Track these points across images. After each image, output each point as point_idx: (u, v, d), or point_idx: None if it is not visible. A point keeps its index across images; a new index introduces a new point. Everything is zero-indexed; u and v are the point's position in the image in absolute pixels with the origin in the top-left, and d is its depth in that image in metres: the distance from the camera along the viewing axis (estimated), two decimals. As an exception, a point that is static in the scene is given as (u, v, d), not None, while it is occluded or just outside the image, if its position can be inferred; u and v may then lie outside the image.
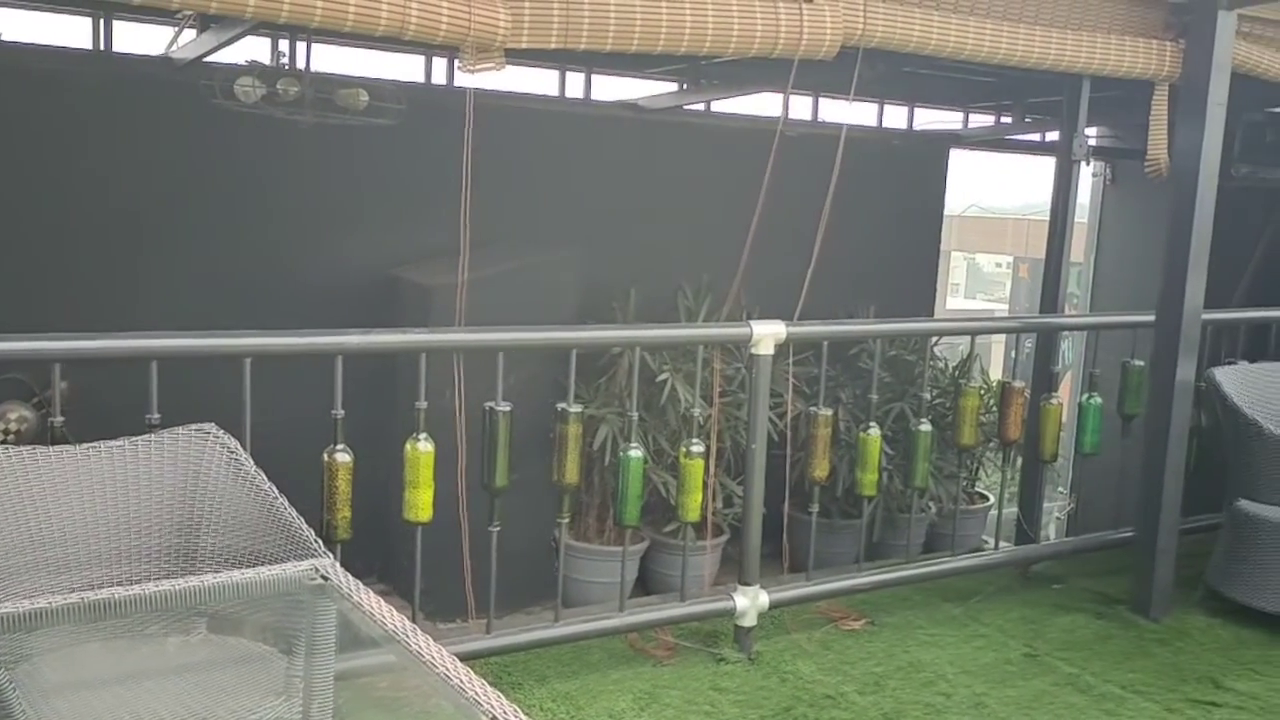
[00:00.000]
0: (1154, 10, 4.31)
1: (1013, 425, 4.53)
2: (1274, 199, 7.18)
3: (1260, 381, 4.70)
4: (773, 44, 3.54)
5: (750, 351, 3.87)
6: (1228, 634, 4.28)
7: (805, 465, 4.14)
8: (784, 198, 4.47)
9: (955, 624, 4.34)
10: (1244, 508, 4.38)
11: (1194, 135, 4.17)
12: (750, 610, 3.90)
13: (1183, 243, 4.23)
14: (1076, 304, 9.52)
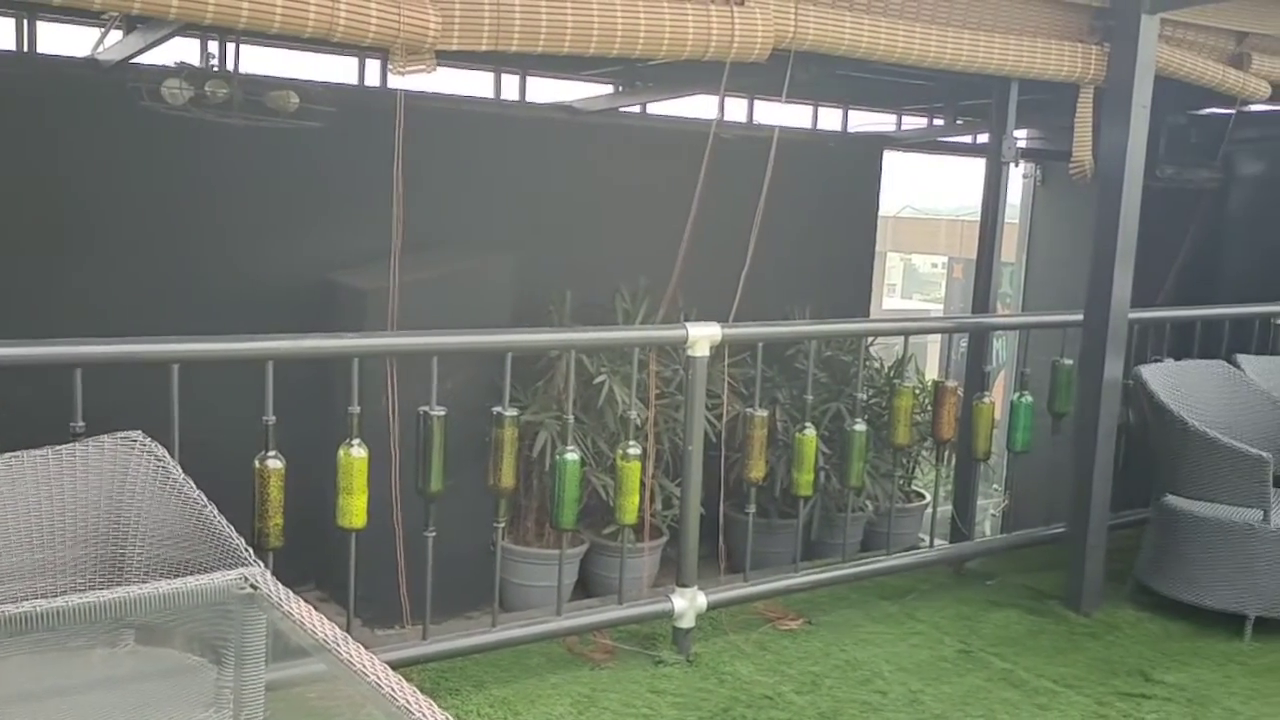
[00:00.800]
0: (1079, 14, 4.39)
1: (946, 424, 4.59)
2: (1197, 199, 7.37)
3: (1185, 378, 4.81)
4: (705, 47, 3.55)
5: (686, 353, 3.87)
6: (1156, 627, 4.37)
7: (742, 466, 4.15)
8: (721, 200, 4.50)
9: (891, 622, 4.38)
10: (1170, 503, 4.48)
11: (1119, 137, 4.25)
12: (688, 612, 3.91)
13: (1109, 243, 4.31)
14: (1009, 303, 9.68)
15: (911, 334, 4.88)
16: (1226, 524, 4.26)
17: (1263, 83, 4.81)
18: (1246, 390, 4.83)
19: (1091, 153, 4.61)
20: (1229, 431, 4.54)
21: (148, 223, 5.03)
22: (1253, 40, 4.79)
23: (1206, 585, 4.31)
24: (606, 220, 6.29)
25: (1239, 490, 4.25)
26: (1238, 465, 4.23)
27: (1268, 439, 4.64)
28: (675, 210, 4.46)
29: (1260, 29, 4.75)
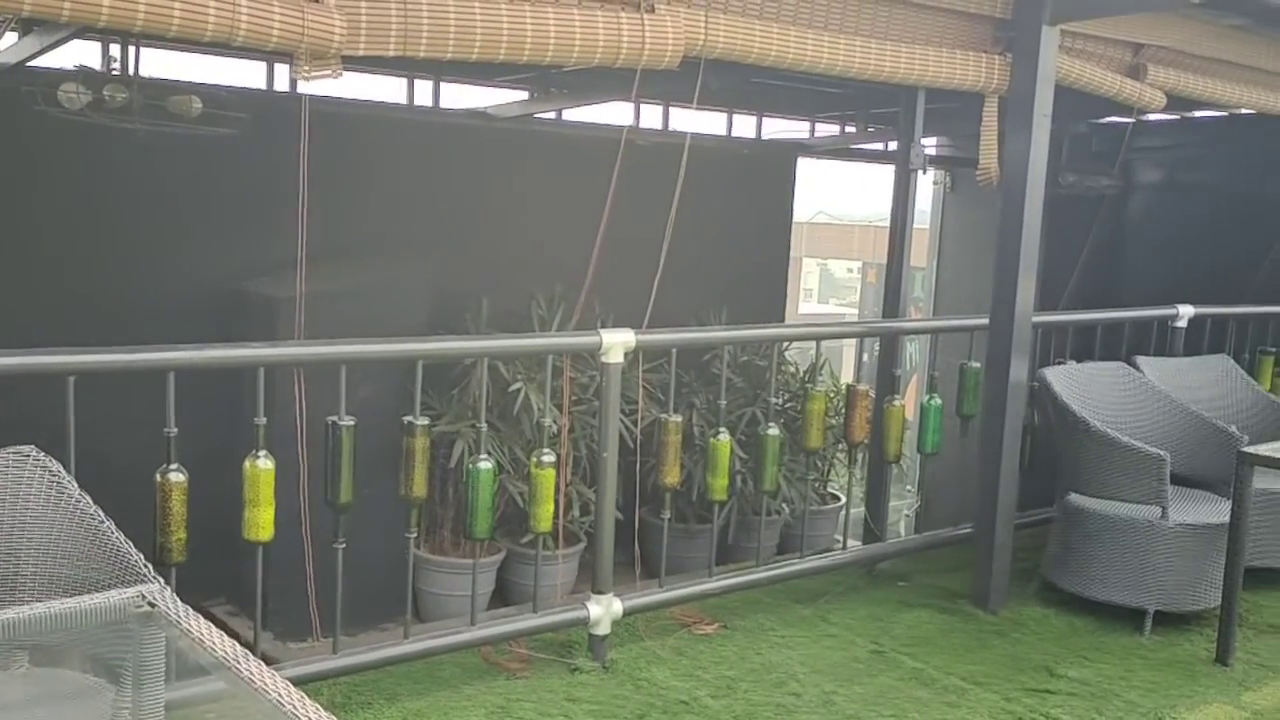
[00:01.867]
0: (983, 25, 4.49)
1: (858, 427, 4.65)
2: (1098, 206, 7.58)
3: (1087, 380, 4.94)
4: (615, 54, 3.55)
5: (601, 360, 3.87)
6: (1061, 623, 4.48)
7: (657, 472, 4.16)
8: (637, 206, 4.50)
9: (805, 624, 4.43)
10: (1074, 501, 4.60)
11: (1022, 145, 4.36)
12: (604, 619, 3.90)
13: (1012, 249, 4.41)
14: (921, 307, 9.86)
15: (823, 339, 4.94)
16: (1127, 521, 4.38)
17: (1158, 93, 4.97)
18: (1145, 391, 4.98)
19: (997, 160, 4.71)
20: (1129, 431, 4.68)
21: (45, 231, 4.87)
22: (1148, 52, 4.94)
23: (1108, 581, 4.43)
24: (523, 227, 6.25)
25: (1138, 488, 4.38)
26: (1137, 464, 4.36)
27: (1165, 438, 4.78)
28: (592, 217, 4.46)
29: (1155, 41, 4.89)
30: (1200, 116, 7.95)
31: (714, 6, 3.80)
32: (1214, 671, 4.07)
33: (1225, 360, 5.59)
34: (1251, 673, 4.07)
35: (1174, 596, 4.36)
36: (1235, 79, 5.35)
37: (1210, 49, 5.12)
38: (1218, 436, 4.65)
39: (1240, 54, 5.26)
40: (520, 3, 3.38)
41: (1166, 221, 8.75)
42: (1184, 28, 4.95)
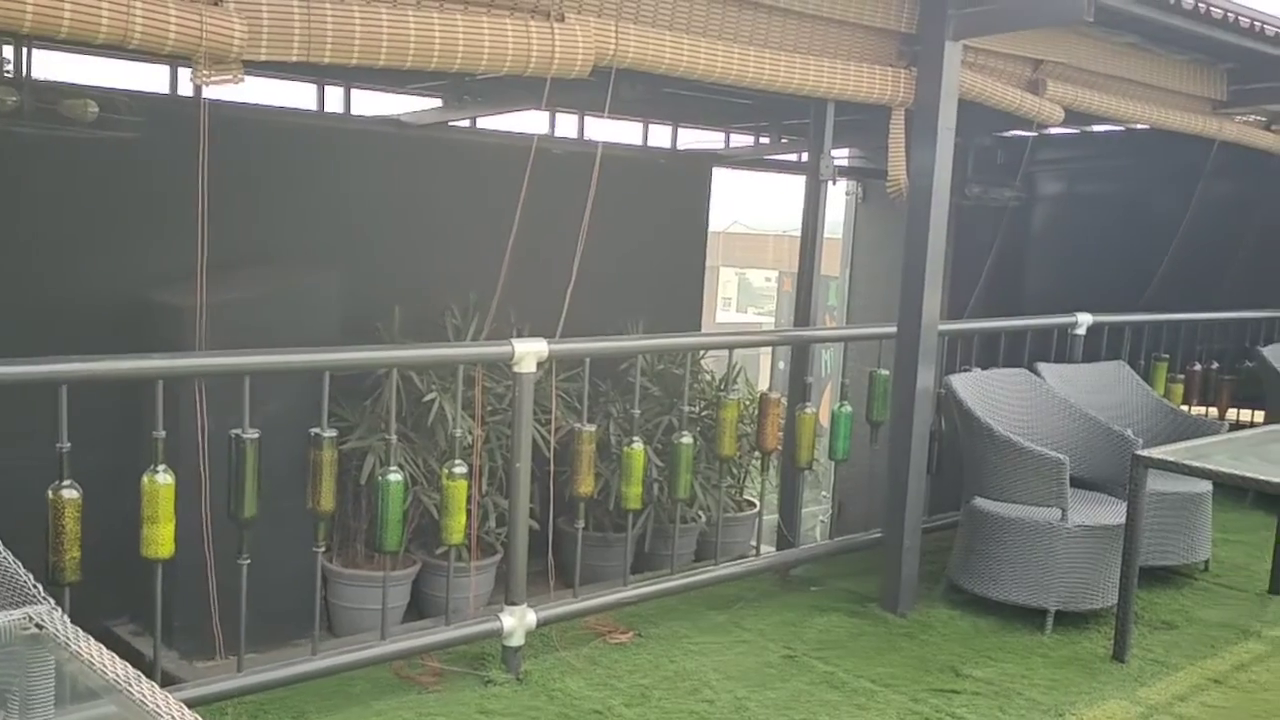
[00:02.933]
0: (889, 40, 4.57)
1: (770, 434, 4.70)
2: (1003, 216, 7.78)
3: (992, 387, 5.06)
4: (525, 62, 3.55)
5: (513, 369, 3.85)
6: (966, 624, 4.57)
7: (571, 481, 4.15)
8: (554, 215, 4.49)
9: (719, 631, 4.45)
10: (979, 505, 4.70)
11: (927, 157, 4.45)
12: (517, 630, 3.88)
13: (918, 259, 4.50)
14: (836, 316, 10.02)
15: (735, 348, 4.98)
16: (1029, 523, 4.49)
17: (1057, 108, 5.11)
18: (1046, 396, 5.12)
19: (904, 172, 4.79)
20: (1030, 436, 4.80)
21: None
22: (1048, 67, 5.08)
23: (1011, 582, 4.53)
24: (438, 235, 6.21)
25: (1040, 491, 4.49)
26: (1038, 468, 4.47)
27: (1065, 442, 4.92)
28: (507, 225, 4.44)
29: (1053, 57, 5.04)
30: (1099, 131, 8.21)
31: (624, 17, 3.81)
32: (1111, 668, 4.19)
33: (1121, 366, 5.77)
34: (1146, 668, 4.20)
35: (1073, 596, 4.49)
36: (1128, 95, 5.54)
37: (1105, 65, 5.29)
38: (1114, 440, 4.80)
39: (1132, 70, 5.44)
40: (428, 10, 3.36)
41: (1067, 232, 9.03)
42: (1080, 45, 5.10)
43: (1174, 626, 4.64)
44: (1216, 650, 4.41)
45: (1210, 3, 4.80)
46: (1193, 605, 4.89)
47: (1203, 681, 4.12)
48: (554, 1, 3.63)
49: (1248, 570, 5.37)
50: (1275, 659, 4.37)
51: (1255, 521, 6.03)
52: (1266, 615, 4.83)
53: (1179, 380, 6.67)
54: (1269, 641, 4.53)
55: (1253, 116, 6.39)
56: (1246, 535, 5.88)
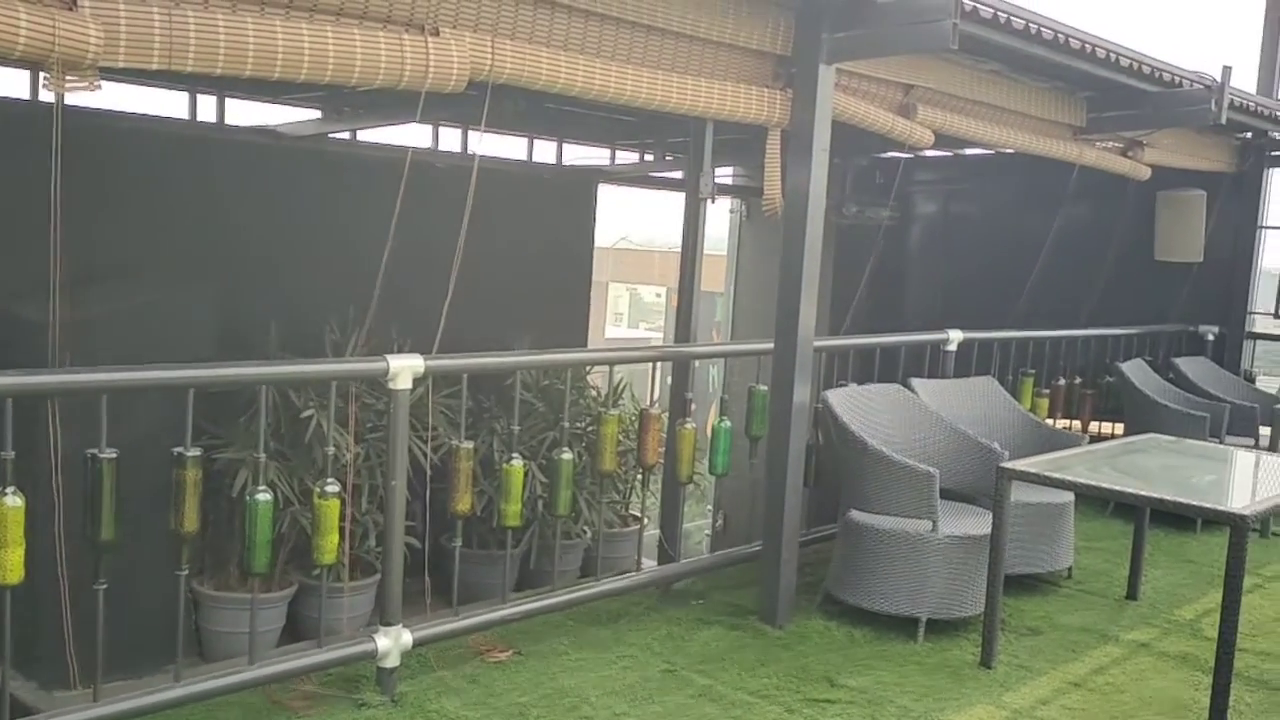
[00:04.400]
0: (766, 61, 4.66)
1: (651, 450, 4.72)
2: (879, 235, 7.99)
3: (867, 401, 5.18)
4: (398, 76, 3.51)
5: (388, 386, 3.80)
6: (842, 635, 4.66)
7: (449, 499, 4.11)
8: (437, 230, 4.44)
9: (601, 647, 4.45)
10: (854, 517, 4.80)
11: (802, 177, 4.55)
12: (393, 651, 3.82)
13: (794, 276, 4.59)
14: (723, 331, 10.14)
15: (615, 363, 5.01)
16: (901, 535, 4.60)
17: (927, 131, 5.27)
18: (918, 411, 5.26)
19: (780, 191, 4.88)
20: (903, 449, 4.93)
21: None
22: (918, 92, 5.25)
23: (885, 592, 4.64)
24: (319, 249, 6.09)
25: (911, 503, 4.61)
26: (910, 480, 4.59)
27: (937, 455, 5.06)
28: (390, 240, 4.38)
29: (923, 82, 5.20)
30: (970, 154, 8.51)
31: (501, 32, 3.81)
32: (979, 674, 4.32)
33: (990, 381, 5.97)
34: (1012, 674, 4.34)
35: (944, 604, 4.61)
36: (995, 120, 5.75)
37: (972, 91, 5.48)
38: (982, 453, 4.96)
39: (998, 97, 5.65)
40: (297, 20, 3.30)
41: (941, 251, 9.33)
42: (948, 71, 5.28)
43: (1039, 632, 4.80)
44: (1077, 654, 4.58)
45: (1069, 34, 5.02)
46: (1056, 611, 5.07)
47: (1064, 685, 4.28)
48: (428, 15, 3.61)
49: (1107, 576, 5.60)
50: (1131, 662, 4.56)
51: (1115, 530, 6.29)
52: (1123, 620, 5.03)
53: (1045, 395, 6.94)
54: (1125, 645, 4.73)
55: (1110, 142, 6.69)
56: (1107, 543, 6.13)
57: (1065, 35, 5.00)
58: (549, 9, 3.91)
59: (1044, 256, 7.32)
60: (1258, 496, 4.64)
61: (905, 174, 9.40)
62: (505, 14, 3.81)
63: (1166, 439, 5.51)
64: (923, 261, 9.54)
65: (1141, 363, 7.40)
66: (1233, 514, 3.88)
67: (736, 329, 9.07)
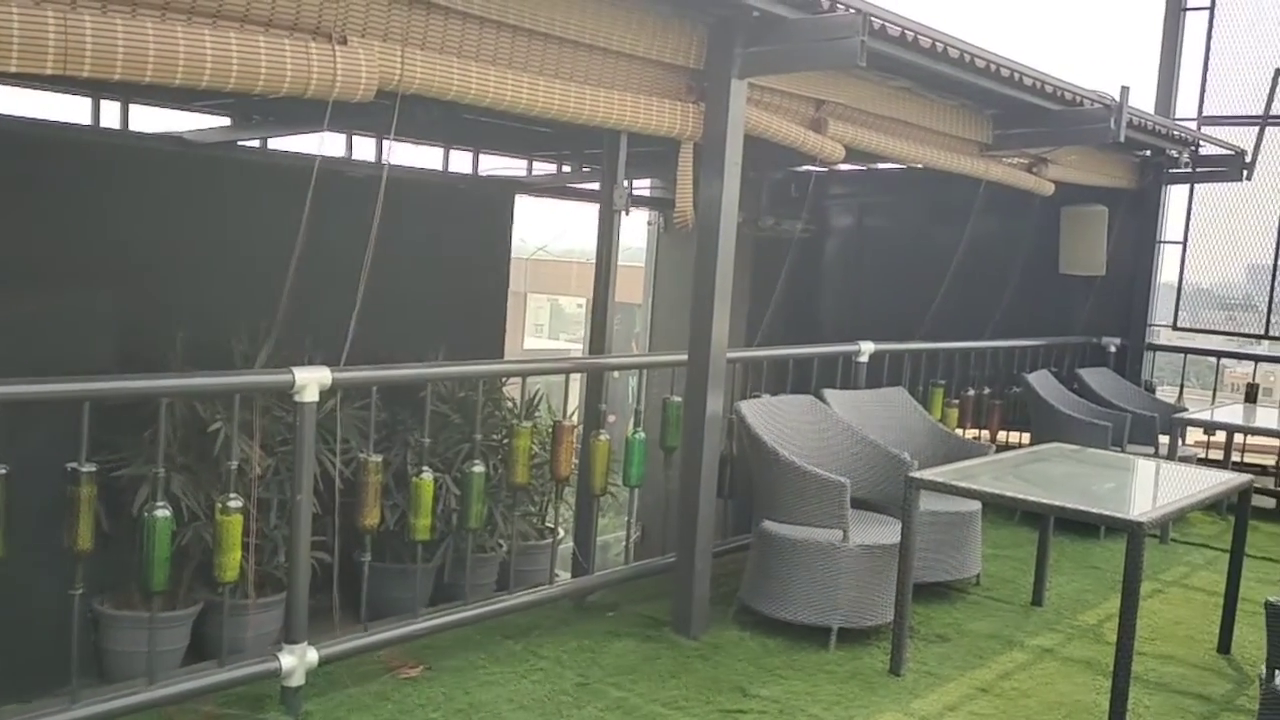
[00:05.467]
0: (678, 75, 4.69)
1: (564, 462, 4.71)
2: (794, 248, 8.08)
3: (780, 412, 5.23)
4: (305, 84, 3.46)
5: (295, 398, 3.74)
6: (756, 644, 4.69)
7: (357, 513, 4.05)
8: (351, 239, 4.38)
9: (514, 660, 4.42)
10: (767, 528, 4.83)
11: (714, 190, 4.58)
12: (298, 669, 3.74)
13: (707, 288, 4.62)
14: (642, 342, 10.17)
15: (529, 375, 4.99)
16: (813, 544, 4.65)
17: (838, 145, 5.35)
18: (830, 421, 5.33)
19: (692, 204, 4.91)
20: (815, 460, 4.98)
21: None
22: (829, 107, 5.32)
23: (798, 602, 4.68)
24: (228, 258, 5.97)
25: (823, 513, 4.66)
26: (821, 490, 4.64)
27: (848, 465, 5.13)
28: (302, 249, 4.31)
29: (834, 98, 5.28)
30: (883, 169, 8.66)
31: (412, 42, 3.78)
32: (888, 682, 4.37)
33: (901, 392, 6.07)
34: (920, 681, 4.40)
35: (855, 613, 4.66)
36: (904, 136, 5.86)
37: (882, 108, 5.58)
38: (892, 463, 5.03)
39: (907, 113, 5.76)
40: (199, 26, 3.24)
41: (855, 263, 9.48)
42: (858, 87, 5.37)
43: (947, 639, 4.88)
44: (984, 661, 4.67)
45: (974, 53, 5.14)
46: (964, 618, 5.17)
47: (971, 691, 4.35)
48: (336, 23, 3.56)
49: (1014, 584, 5.72)
50: (1036, 667, 4.66)
51: (1022, 537, 6.43)
52: (1029, 626, 5.14)
53: (954, 405, 7.08)
54: (1030, 650, 4.83)
55: (1016, 159, 6.87)
56: (1014, 550, 6.27)
57: (971, 54, 5.12)
58: (460, 20, 3.89)
59: (953, 269, 7.48)
60: (1155, 504, 4.80)
61: (822, 188, 9.54)
62: (416, 24, 3.78)
63: (1070, 448, 5.65)
64: (838, 274, 9.69)
65: (1047, 374, 7.59)
66: (1130, 521, 3.99)
67: (655, 341, 9.10)
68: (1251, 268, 8.70)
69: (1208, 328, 9.12)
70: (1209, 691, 4.51)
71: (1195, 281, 9.19)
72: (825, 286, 9.67)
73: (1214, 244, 8.76)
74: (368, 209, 4.52)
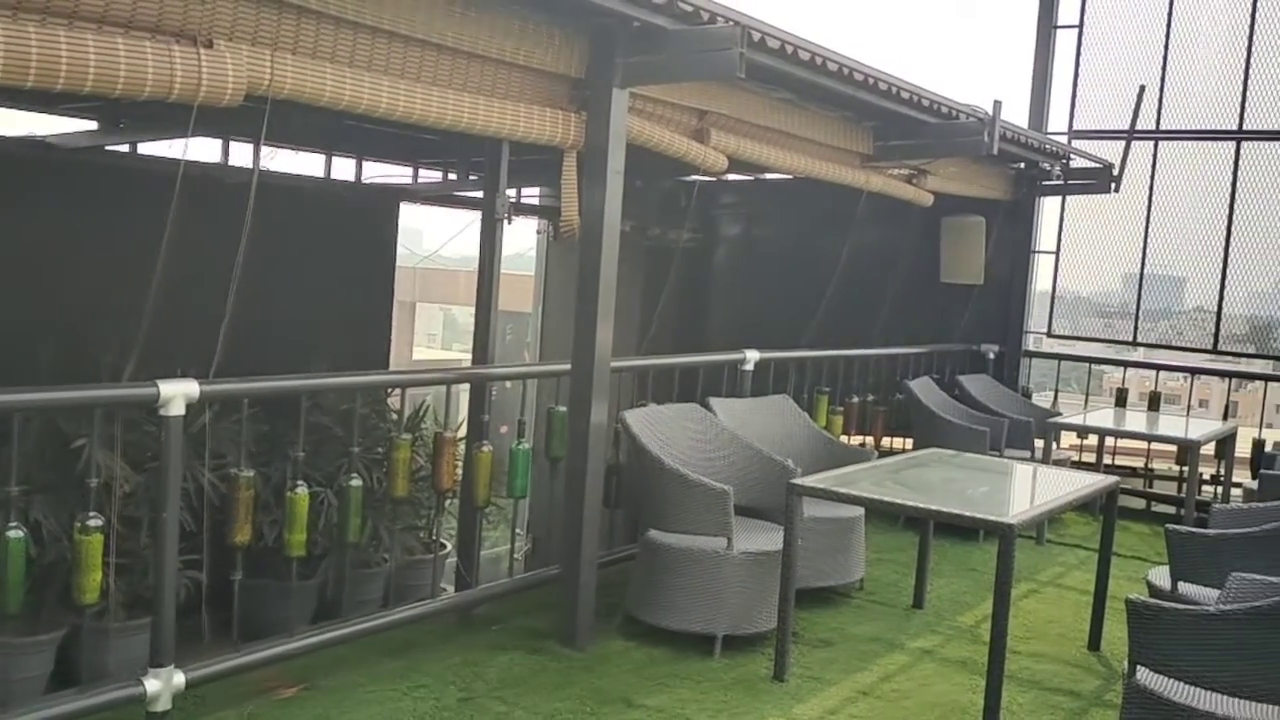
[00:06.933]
0: (560, 84, 4.66)
1: (446, 474, 4.64)
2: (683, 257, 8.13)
3: (665, 421, 5.24)
4: (168, 88, 3.35)
5: (160, 413, 3.60)
6: (641, 654, 4.68)
7: (228, 530, 3.92)
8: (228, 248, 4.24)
9: (395, 677, 4.33)
10: (653, 537, 4.83)
11: (597, 198, 4.57)
12: (163, 693, 3.60)
13: (591, 296, 4.61)
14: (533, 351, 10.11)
15: (409, 386, 4.91)
16: (697, 553, 4.67)
17: (720, 155, 5.39)
18: (715, 429, 5.36)
19: (577, 211, 4.89)
20: (700, 468, 5.00)
21: None
22: (711, 117, 5.36)
23: (683, 611, 4.69)
24: (96, 268, 5.73)
25: (707, 521, 4.68)
26: (705, 499, 4.66)
27: (733, 473, 5.16)
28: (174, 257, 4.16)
29: (717, 108, 5.32)
30: (770, 179, 8.77)
31: (282, 46, 3.68)
32: (772, 688, 4.41)
33: (786, 400, 6.15)
34: (804, 685, 4.45)
35: (740, 620, 4.69)
36: (786, 146, 5.94)
37: (764, 119, 5.64)
38: (776, 470, 5.08)
39: (789, 124, 5.84)
40: (54, 26, 3.11)
41: (744, 272, 9.59)
42: (740, 98, 5.42)
43: (830, 644, 4.95)
44: (866, 664, 4.74)
45: (854, 67, 5.23)
46: (848, 623, 5.24)
47: (853, 694, 4.42)
48: (202, 26, 3.45)
49: (896, 587, 5.83)
50: (915, 668, 4.75)
51: (905, 541, 6.56)
52: (910, 628, 5.24)
53: (839, 412, 7.19)
54: (910, 652, 4.93)
55: (896, 170, 7.02)
56: (897, 554, 6.39)
57: (850, 68, 5.21)
58: (334, 24, 3.81)
59: (838, 278, 7.60)
60: (1028, 506, 4.93)
61: (712, 197, 9.63)
62: (287, 28, 3.69)
63: (948, 453, 5.78)
64: (727, 283, 9.77)
65: (929, 380, 7.77)
66: (1001, 523, 4.09)
67: (545, 350, 9.05)
68: (1127, 276, 9.04)
69: (1085, 335, 9.45)
70: (1079, 688, 4.65)
71: (1075, 290, 9.53)
72: (714, 295, 9.74)
73: (1087, 254, 9.10)
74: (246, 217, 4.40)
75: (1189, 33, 8.56)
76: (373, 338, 7.31)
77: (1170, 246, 8.78)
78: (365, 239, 7.24)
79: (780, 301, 8.82)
